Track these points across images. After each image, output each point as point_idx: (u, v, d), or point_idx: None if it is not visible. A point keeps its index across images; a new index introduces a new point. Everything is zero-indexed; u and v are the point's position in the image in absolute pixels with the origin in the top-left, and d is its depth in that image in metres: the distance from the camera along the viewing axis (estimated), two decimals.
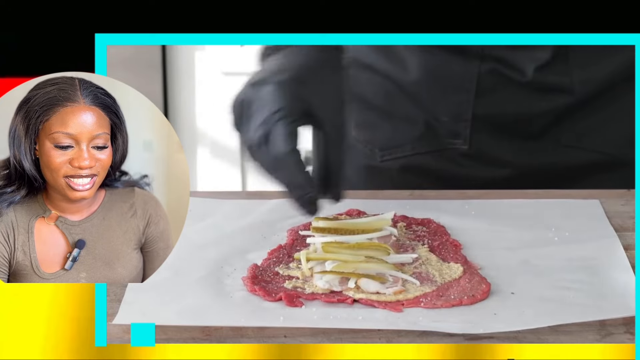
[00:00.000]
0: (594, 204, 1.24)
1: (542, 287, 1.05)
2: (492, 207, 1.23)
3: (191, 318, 0.99)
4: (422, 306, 1.01)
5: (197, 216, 1.20)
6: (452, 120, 1.33)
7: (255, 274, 1.07)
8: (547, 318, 0.98)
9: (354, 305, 1.02)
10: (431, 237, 1.15)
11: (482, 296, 1.02)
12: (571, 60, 1.34)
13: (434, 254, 1.11)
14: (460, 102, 1.37)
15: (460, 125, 1.37)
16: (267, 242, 1.16)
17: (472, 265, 1.09)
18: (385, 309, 1.01)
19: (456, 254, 1.11)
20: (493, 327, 0.97)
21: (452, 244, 1.13)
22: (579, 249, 1.13)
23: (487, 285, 1.04)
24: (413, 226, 1.17)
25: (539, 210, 1.23)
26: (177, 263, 1.09)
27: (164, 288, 1.05)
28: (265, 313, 1.00)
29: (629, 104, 1.30)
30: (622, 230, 1.18)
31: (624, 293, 1.03)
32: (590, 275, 1.07)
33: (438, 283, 1.05)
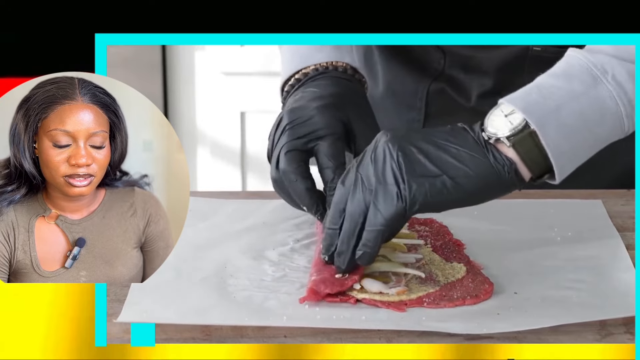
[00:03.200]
0: (597, 204, 1.24)
1: (545, 287, 1.05)
2: (495, 207, 1.23)
3: (194, 318, 0.99)
4: (426, 306, 1.01)
5: (200, 216, 1.21)
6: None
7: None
8: (550, 318, 0.98)
9: (357, 305, 1.02)
10: (434, 237, 1.15)
11: (485, 296, 1.02)
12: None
13: (436, 254, 1.11)
14: (412, 120, 1.37)
15: None
16: (270, 241, 1.16)
17: (475, 265, 1.09)
18: (388, 309, 1.01)
19: (459, 253, 1.11)
20: (496, 327, 0.97)
21: (455, 243, 1.13)
22: (581, 248, 1.13)
23: (490, 285, 1.04)
24: (416, 226, 1.17)
25: (542, 210, 1.23)
26: (180, 264, 1.09)
27: (167, 288, 1.05)
28: (268, 313, 1.00)
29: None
30: (622, 230, 1.18)
31: (626, 293, 1.03)
32: (593, 275, 1.07)
33: (441, 283, 1.05)
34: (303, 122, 1.12)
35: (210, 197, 1.28)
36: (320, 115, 1.12)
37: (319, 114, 1.12)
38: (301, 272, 1.09)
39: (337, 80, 1.18)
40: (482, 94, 1.34)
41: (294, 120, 1.12)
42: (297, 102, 1.15)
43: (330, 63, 1.20)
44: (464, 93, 1.36)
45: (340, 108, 1.14)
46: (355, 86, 1.19)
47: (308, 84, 1.18)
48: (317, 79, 1.19)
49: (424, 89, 1.37)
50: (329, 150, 1.11)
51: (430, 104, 1.37)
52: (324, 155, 1.11)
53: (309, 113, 1.13)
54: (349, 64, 1.20)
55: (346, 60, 1.20)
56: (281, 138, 1.12)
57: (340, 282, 1.02)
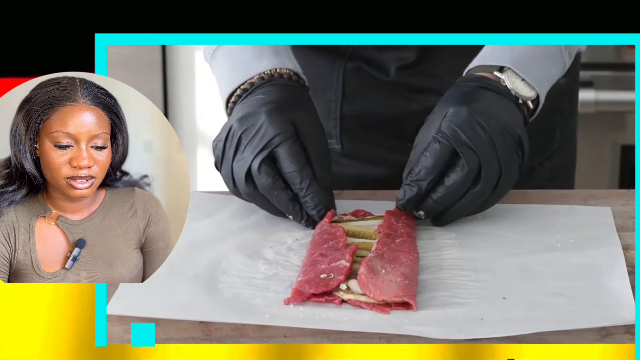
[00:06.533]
0: (605, 212, 1.22)
1: (534, 293, 1.04)
2: (501, 212, 1.22)
3: (177, 313, 1.00)
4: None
5: (204, 212, 1.22)
6: (323, 120, 1.34)
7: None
8: (535, 325, 0.97)
9: (342, 305, 1.02)
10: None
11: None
12: (439, 62, 1.34)
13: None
14: (329, 101, 1.39)
15: (330, 125, 1.39)
16: (269, 240, 1.16)
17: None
18: (372, 310, 1.01)
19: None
20: (477, 332, 0.96)
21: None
22: (579, 255, 1.11)
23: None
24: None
25: (550, 216, 1.22)
26: (176, 259, 1.09)
27: (158, 284, 1.05)
28: (252, 311, 1.01)
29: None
30: (622, 230, 1.18)
31: (616, 303, 1.02)
32: (584, 283, 1.06)
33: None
34: (257, 130, 1.16)
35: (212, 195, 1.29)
36: (271, 120, 1.16)
37: (268, 118, 1.16)
38: (293, 270, 1.09)
39: (282, 86, 1.22)
40: (401, 67, 1.36)
41: (247, 129, 1.17)
42: (245, 109, 1.19)
43: (274, 70, 1.24)
44: (382, 69, 1.37)
45: (288, 111, 1.18)
46: (300, 91, 1.24)
47: (254, 92, 1.22)
48: (263, 87, 1.22)
49: (340, 69, 1.39)
50: (289, 153, 1.16)
51: (347, 82, 1.39)
52: (285, 159, 1.16)
53: (259, 119, 1.17)
54: (292, 70, 1.24)
55: (289, 67, 1.24)
56: (241, 150, 1.17)
57: (325, 283, 1.03)
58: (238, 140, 1.17)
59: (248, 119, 1.17)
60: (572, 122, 1.50)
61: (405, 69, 1.36)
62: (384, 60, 1.36)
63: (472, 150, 1.14)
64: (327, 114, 1.39)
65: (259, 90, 1.22)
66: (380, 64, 1.36)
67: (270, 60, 1.25)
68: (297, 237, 1.17)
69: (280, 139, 1.16)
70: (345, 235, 1.11)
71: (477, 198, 1.16)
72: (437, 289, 1.05)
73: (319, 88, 1.38)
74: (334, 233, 1.11)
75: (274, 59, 1.25)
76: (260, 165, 1.16)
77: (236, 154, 1.17)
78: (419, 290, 1.05)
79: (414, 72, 1.36)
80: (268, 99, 1.19)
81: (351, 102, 1.39)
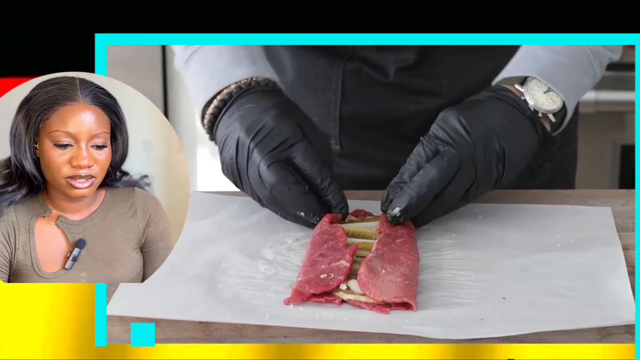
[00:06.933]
0: (606, 212, 1.22)
1: (534, 293, 1.04)
2: (502, 212, 1.22)
3: (176, 313, 1.00)
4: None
5: (203, 213, 1.22)
6: (322, 120, 1.34)
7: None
8: (534, 324, 0.97)
9: (343, 306, 1.02)
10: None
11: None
12: (439, 63, 1.34)
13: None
14: (328, 101, 1.38)
15: (329, 125, 1.39)
16: (269, 240, 1.16)
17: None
18: (372, 311, 1.01)
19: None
20: (477, 332, 0.96)
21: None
22: (579, 256, 1.11)
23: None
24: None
25: (551, 216, 1.22)
26: (176, 259, 1.09)
27: (158, 283, 1.05)
28: (251, 310, 1.01)
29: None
30: (622, 230, 1.18)
31: (616, 303, 1.02)
32: (585, 283, 1.06)
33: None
34: (268, 133, 1.15)
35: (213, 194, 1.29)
36: (280, 123, 1.16)
37: (277, 123, 1.16)
38: (293, 270, 1.09)
39: (267, 93, 1.21)
40: (400, 68, 1.36)
41: (257, 134, 1.15)
42: (246, 119, 1.17)
43: (251, 79, 1.23)
44: (381, 70, 1.37)
45: (293, 115, 1.18)
46: (286, 96, 1.23)
47: (238, 102, 1.21)
48: (246, 95, 1.21)
49: (339, 70, 1.38)
50: (306, 154, 1.15)
51: (346, 83, 1.38)
52: (304, 161, 1.15)
53: (267, 124, 1.16)
54: (269, 79, 1.23)
55: (266, 75, 1.23)
56: (252, 155, 1.15)
57: (325, 283, 1.02)
58: (248, 148, 1.16)
59: (255, 126, 1.16)
60: (573, 123, 1.49)
61: (404, 70, 1.36)
62: (384, 62, 1.36)
63: (451, 146, 1.13)
64: (327, 115, 1.39)
65: (245, 99, 1.21)
66: (379, 65, 1.36)
67: (248, 68, 1.24)
68: (297, 237, 1.17)
69: (292, 140, 1.15)
70: (345, 236, 1.11)
71: (448, 198, 1.15)
72: (437, 289, 1.05)
73: (318, 89, 1.38)
74: (334, 233, 1.11)
75: (251, 67, 1.24)
76: (269, 165, 1.14)
77: (249, 162, 1.16)
78: (419, 290, 1.05)
79: (414, 73, 1.36)
80: (267, 105, 1.18)
81: (350, 103, 1.39)
